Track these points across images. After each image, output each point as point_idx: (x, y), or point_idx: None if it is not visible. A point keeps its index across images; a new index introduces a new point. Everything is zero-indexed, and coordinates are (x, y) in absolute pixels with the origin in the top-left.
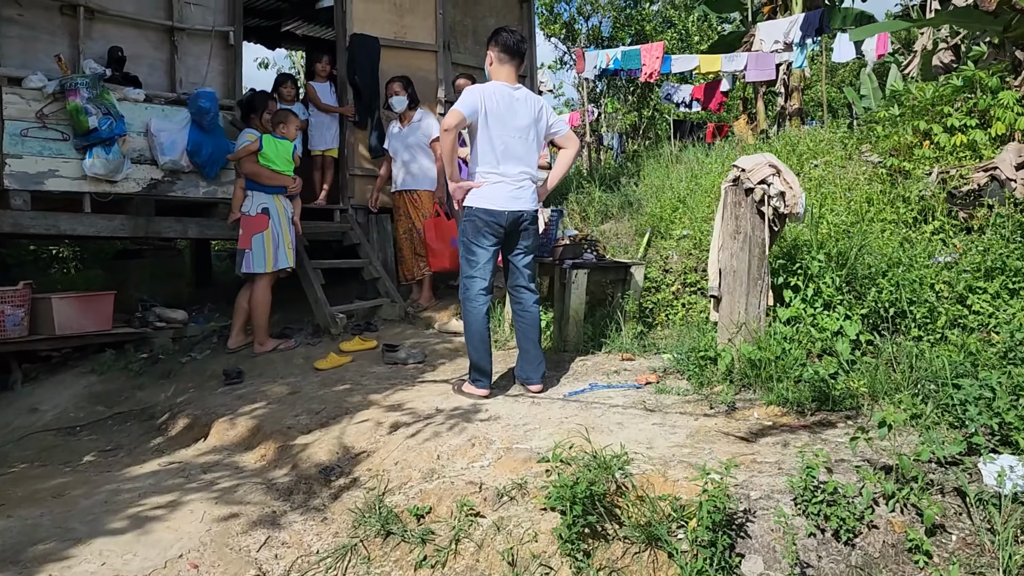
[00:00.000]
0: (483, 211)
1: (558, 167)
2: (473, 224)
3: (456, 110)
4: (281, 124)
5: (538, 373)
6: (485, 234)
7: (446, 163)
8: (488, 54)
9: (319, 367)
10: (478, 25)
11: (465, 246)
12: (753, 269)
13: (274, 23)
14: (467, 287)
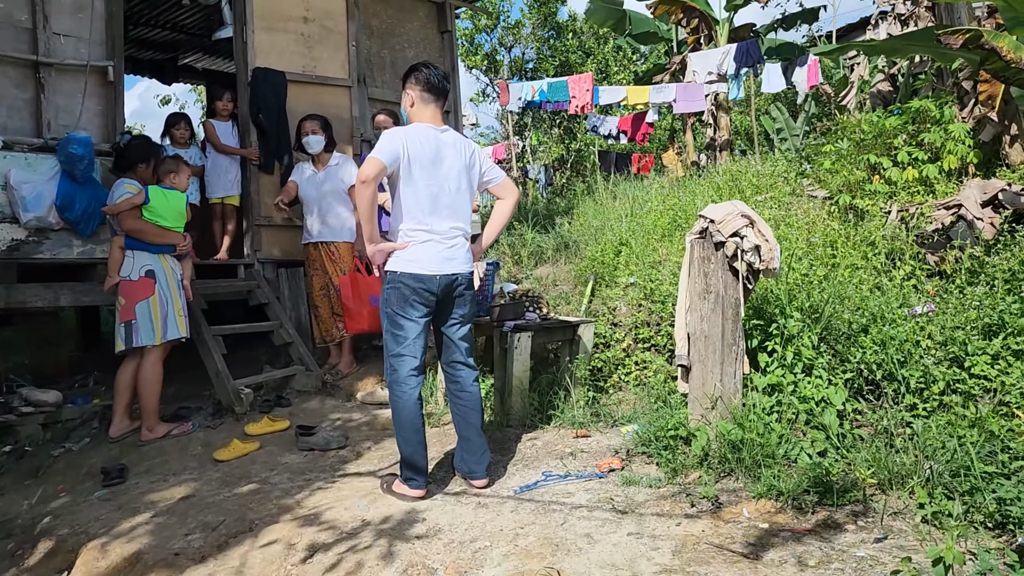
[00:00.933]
0: (410, 276)
1: (495, 221)
2: (399, 292)
3: (375, 158)
4: (171, 173)
5: (482, 465)
6: (414, 303)
7: (363, 220)
8: (406, 94)
9: (220, 458)
10: (396, 57)
11: (390, 319)
12: (727, 333)
13: (170, 56)
14: (394, 368)
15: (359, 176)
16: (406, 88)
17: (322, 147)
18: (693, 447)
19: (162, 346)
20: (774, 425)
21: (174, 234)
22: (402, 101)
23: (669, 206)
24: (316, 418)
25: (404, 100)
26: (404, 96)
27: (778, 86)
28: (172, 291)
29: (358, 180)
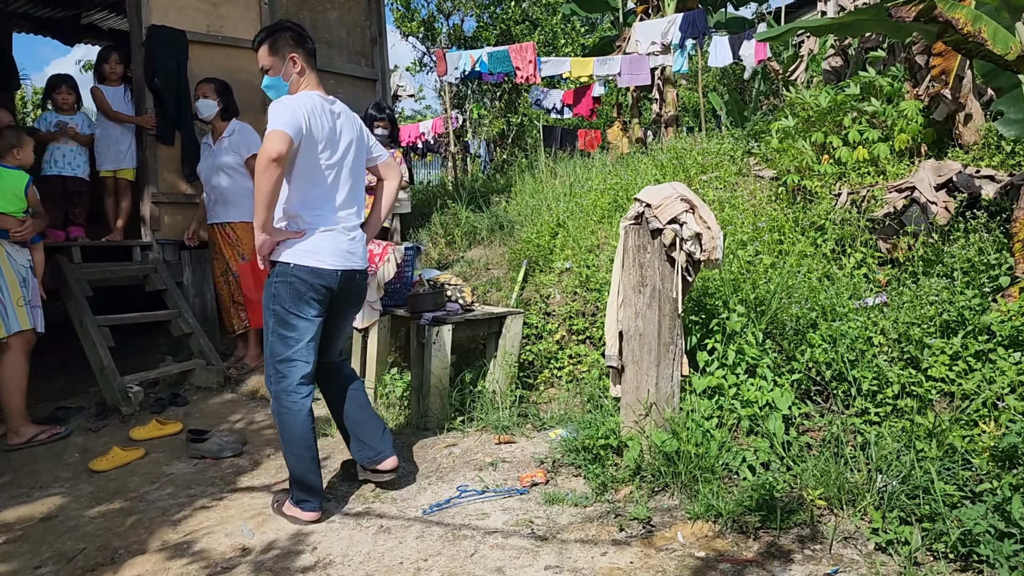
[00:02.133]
0: (307, 270)
1: (383, 205)
2: (292, 288)
3: (281, 131)
4: (14, 148)
5: (387, 442)
6: (310, 301)
7: (261, 205)
8: (289, 58)
9: (96, 468)
10: (317, 19)
11: (278, 318)
12: (664, 331)
13: (72, 14)
14: (282, 375)
15: (267, 153)
16: (284, 50)
17: (214, 113)
18: (625, 458)
19: (21, 339)
20: (714, 432)
21: (8, 218)
22: (277, 66)
23: (610, 185)
24: (214, 419)
25: (287, 65)
26: (285, 60)
27: (725, 60)
28: (8, 280)
29: (266, 158)
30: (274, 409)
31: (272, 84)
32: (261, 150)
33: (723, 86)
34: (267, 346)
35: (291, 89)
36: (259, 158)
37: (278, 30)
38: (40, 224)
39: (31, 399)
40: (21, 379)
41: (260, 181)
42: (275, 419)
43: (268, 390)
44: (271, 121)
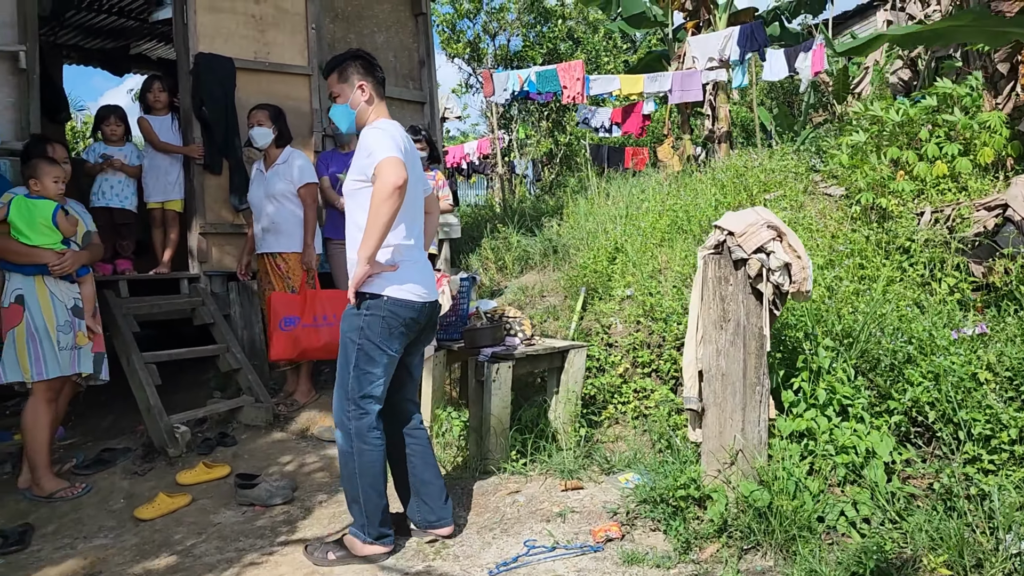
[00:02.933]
0: (403, 304)
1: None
2: (384, 323)
3: (397, 158)
4: (32, 179)
5: (448, 509)
6: (399, 336)
7: (372, 238)
8: (359, 85)
9: (142, 517)
10: (364, 42)
11: (364, 353)
12: (750, 371)
13: (121, 44)
14: (363, 411)
15: (391, 182)
16: (353, 78)
17: (270, 141)
18: (709, 512)
19: (44, 386)
20: (807, 483)
21: (43, 252)
22: (346, 94)
23: (668, 206)
24: (263, 461)
25: (355, 93)
26: (354, 88)
27: (781, 73)
28: (48, 320)
29: (390, 186)
30: (352, 447)
31: (340, 112)
32: (383, 180)
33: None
34: (345, 381)
35: (359, 117)
36: (381, 187)
37: (348, 58)
38: (85, 256)
39: (80, 436)
40: (43, 429)
41: (380, 210)
42: (350, 458)
43: (342, 427)
44: (377, 149)
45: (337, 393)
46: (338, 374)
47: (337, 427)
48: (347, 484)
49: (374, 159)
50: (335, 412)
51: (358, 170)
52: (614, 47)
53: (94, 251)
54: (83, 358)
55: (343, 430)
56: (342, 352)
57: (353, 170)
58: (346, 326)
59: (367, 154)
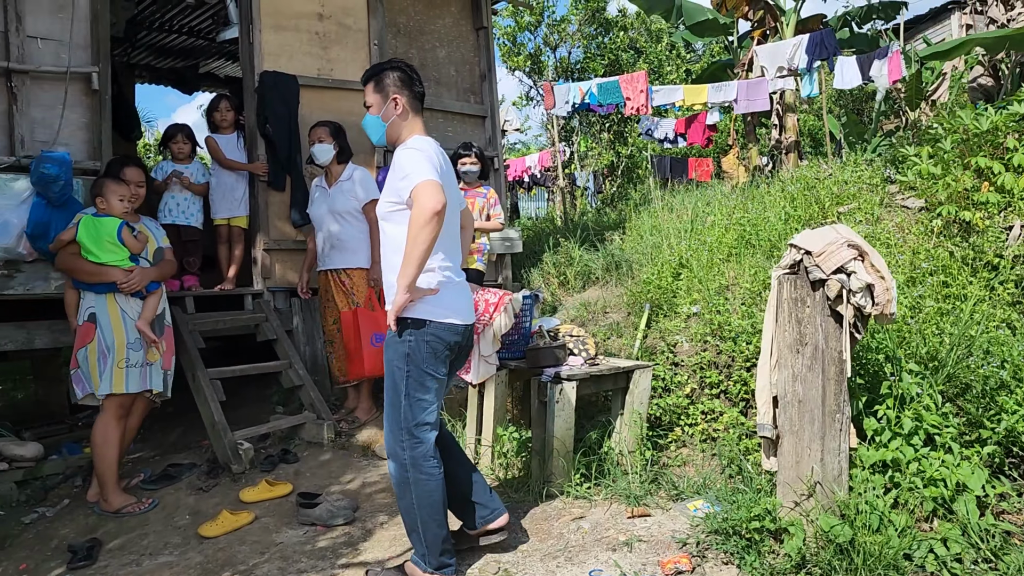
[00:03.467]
0: (446, 328)
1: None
2: (430, 347)
3: (435, 181)
4: (97, 197)
5: (496, 498)
6: (444, 360)
7: (412, 265)
8: (393, 98)
9: (205, 534)
10: (426, 57)
11: (414, 380)
12: (829, 397)
13: (191, 63)
14: (419, 440)
15: (430, 207)
16: (389, 90)
17: (331, 157)
18: (786, 546)
19: (114, 403)
20: (892, 517)
21: (110, 270)
22: (379, 105)
23: (735, 220)
24: (324, 479)
25: (388, 106)
26: (387, 100)
27: (853, 81)
28: (118, 338)
29: (429, 211)
30: (408, 478)
31: (371, 123)
32: (422, 204)
33: (838, 108)
34: (397, 410)
35: (390, 131)
36: (420, 213)
37: (386, 69)
38: (153, 272)
39: (148, 450)
40: (112, 446)
41: (419, 237)
42: (406, 488)
43: (396, 458)
44: (413, 171)
45: (389, 424)
46: (388, 404)
47: (390, 458)
48: (405, 515)
49: (410, 181)
50: (388, 443)
51: (393, 192)
52: (677, 57)
53: (164, 267)
54: (154, 375)
55: (398, 461)
56: (390, 381)
57: (387, 191)
58: (391, 354)
59: (402, 175)
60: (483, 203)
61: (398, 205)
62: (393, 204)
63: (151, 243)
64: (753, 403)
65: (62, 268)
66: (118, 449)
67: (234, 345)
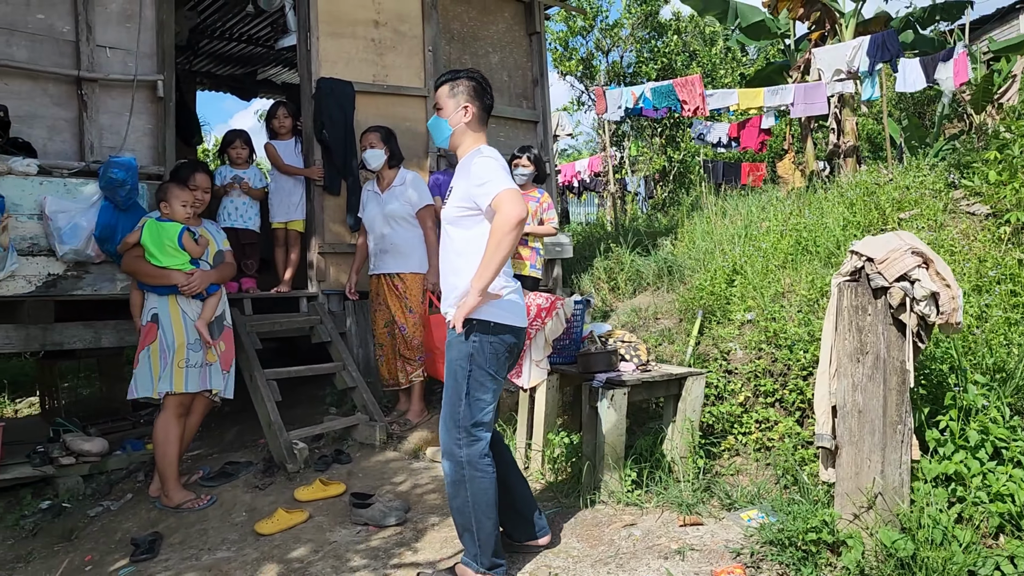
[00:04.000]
0: (508, 330)
1: None
2: (493, 348)
3: (516, 190)
4: (161, 202)
5: (543, 517)
6: (504, 361)
7: (491, 269)
8: (464, 105)
9: (261, 532)
10: (479, 63)
11: (476, 381)
12: (890, 408)
13: (249, 70)
14: (477, 439)
15: (515, 215)
16: (461, 97)
17: (382, 162)
18: (844, 559)
19: (175, 401)
20: (956, 532)
21: (172, 273)
22: (448, 109)
23: (791, 226)
24: (376, 480)
25: (458, 112)
26: (458, 107)
27: (917, 84)
28: (178, 339)
29: (514, 219)
30: (464, 475)
31: (436, 124)
32: (507, 212)
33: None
34: (456, 409)
35: (455, 137)
36: (505, 221)
37: (462, 76)
38: (213, 275)
39: (206, 448)
40: (172, 443)
41: (502, 243)
42: (461, 487)
43: (452, 457)
44: (494, 179)
45: (446, 422)
46: (447, 403)
47: (446, 457)
48: (458, 515)
49: (489, 189)
50: (443, 442)
51: (465, 197)
52: (732, 60)
53: (224, 270)
54: (213, 375)
55: (453, 459)
56: (451, 380)
57: (458, 196)
58: (455, 354)
59: (480, 182)
60: (536, 207)
61: (470, 210)
62: (464, 209)
63: (211, 246)
64: (809, 413)
65: (127, 270)
66: (178, 446)
67: (289, 346)
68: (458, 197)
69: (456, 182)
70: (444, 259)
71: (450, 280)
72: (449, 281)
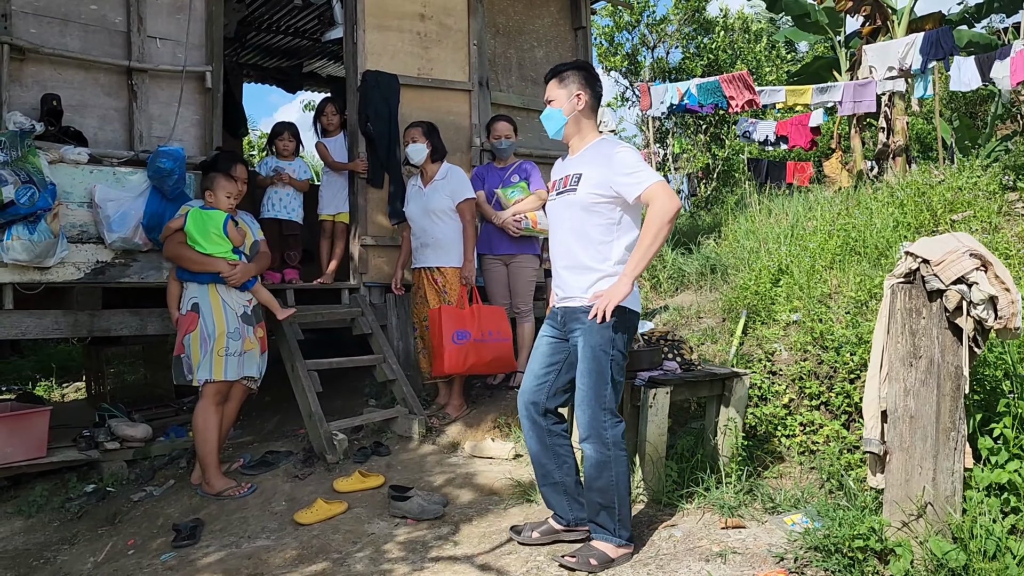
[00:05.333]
0: (636, 316)
1: None
2: (628, 333)
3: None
4: (207, 191)
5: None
6: (630, 346)
7: (646, 258)
8: (576, 94)
9: (301, 521)
10: (524, 57)
11: (617, 364)
12: (943, 414)
13: (295, 63)
14: (617, 419)
15: (673, 206)
16: (572, 86)
17: (424, 157)
18: (892, 568)
19: (212, 389)
20: (1010, 544)
21: (216, 260)
22: (560, 100)
23: (839, 226)
24: (415, 472)
25: (571, 101)
26: (570, 96)
27: (972, 83)
28: (218, 327)
29: (673, 210)
30: (610, 456)
31: (550, 115)
32: (664, 204)
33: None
34: (602, 393)
35: (568, 126)
36: (663, 211)
37: (572, 67)
38: (253, 268)
39: (248, 436)
40: (212, 431)
41: (660, 233)
42: (606, 467)
43: (598, 439)
44: (642, 170)
45: (590, 406)
46: (588, 387)
47: (590, 440)
48: (599, 495)
49: (641, 179)
50: (587, 426)
51: (602, 184)
52: (776, 57)
53: (261, 261)
54: (248, 362)
55: (600, 441)
56: (594, 365)
57: (594, 183)
58: (597, 340)
59: (629, 171)
60: None
61: (607, 199)
62: (600, 197)
63: (248, 236)
64: (856, 417)
65: (170, 255)
66: (218, 434)
67: (328, 337)
68: (593, 184)
69: (585, 169)
70: (562, 244)
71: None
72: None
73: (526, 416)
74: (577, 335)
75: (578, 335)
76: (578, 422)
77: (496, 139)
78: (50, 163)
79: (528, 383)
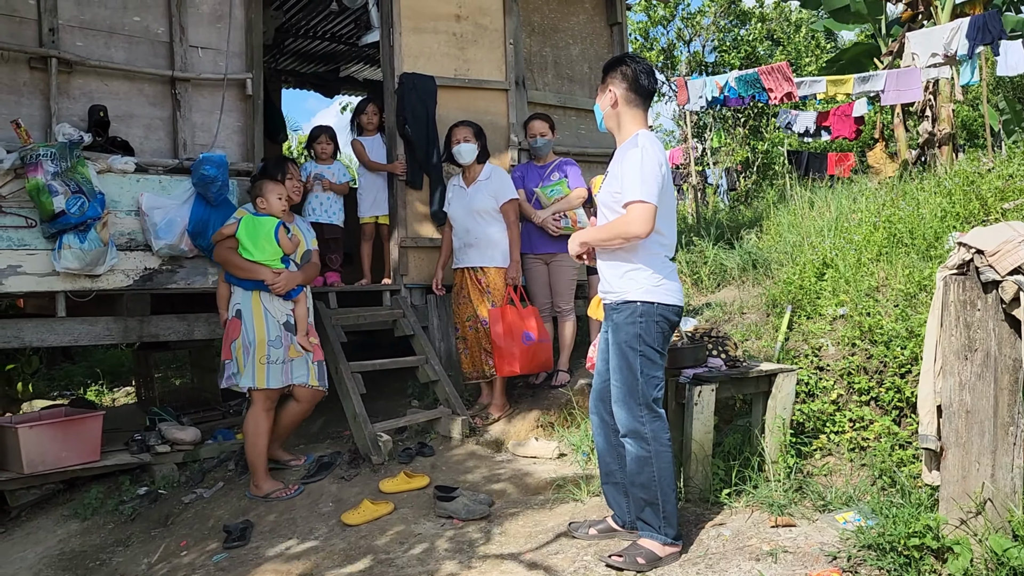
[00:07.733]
0: (671, 309)
1: None
2: (660, 328)
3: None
4: (258, 198)
5: None
6: (667, 339)
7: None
8: (607, 90)
9: (348, 522)
10: (559, 55)
11: (649, 359)
12: (1002, 409)
13: (332, 68)
14: (657, 415)
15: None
16: (610, 81)
17: (474, 157)
18: (950, 566)
19: (262, 395)
20: None
21: (261, 268)
22: (600, 94)
23: (885, 217)
24: (459, 473)
25: (605, 96)
26: (606, 91)
27: (1019, 67)
28: (259, 335)
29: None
30: (651, 451)
31: (596, 111)
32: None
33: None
34: (634, 389)
35: (606, 121)
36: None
37: (612, 63)
38: (299, 277)
39: (293, 438)
40: (262, 436)
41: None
42: (647, 463)
43: (636, 435)
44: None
45: (625, 402)
46: (622, 384)
47: (629, 436)
48: (642, 490)
49: (628, 194)
50: (625, 422)
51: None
52: (816, 47)
53: (309, 271)
54: (295, 370)
55: (638, 437)
56: (622, 362)
57: (611, 183)
58: (623, 336)
59: (626, 178)
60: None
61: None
62: (613, 195)
63: (301, 245)
64: (908, 412)
65: (219, 259)
66: (267, 439)
67: (370, 339)
68: (609, 183)
69: (612, 166)
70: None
71: (608, 260)
72: (607, 261)
73: (595, 412)
74: (608, 332)
75: (609, 332)
76: (617, 419)
77: (532, 138)
78: (98, 173)
79: (596, 382)
